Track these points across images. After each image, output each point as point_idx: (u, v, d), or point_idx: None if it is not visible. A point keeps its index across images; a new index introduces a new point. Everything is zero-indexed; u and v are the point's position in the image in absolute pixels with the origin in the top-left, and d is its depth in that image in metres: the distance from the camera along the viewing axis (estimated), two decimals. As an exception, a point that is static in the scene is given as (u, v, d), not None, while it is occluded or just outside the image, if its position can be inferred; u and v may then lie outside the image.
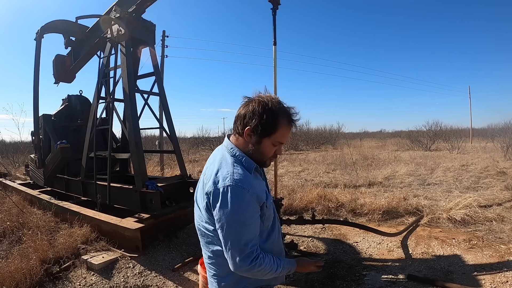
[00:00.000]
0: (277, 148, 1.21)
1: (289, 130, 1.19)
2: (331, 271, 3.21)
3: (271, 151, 1.21)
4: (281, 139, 1.19)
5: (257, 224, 1.14)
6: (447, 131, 21.21)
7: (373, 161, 12.11)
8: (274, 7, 3.57)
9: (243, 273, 1.14)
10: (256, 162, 1.21)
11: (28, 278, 2.84)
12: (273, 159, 1.28)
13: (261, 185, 1.23)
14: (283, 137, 1.18)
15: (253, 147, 1.19)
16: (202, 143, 24.32)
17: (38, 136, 5.65)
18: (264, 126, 1.14)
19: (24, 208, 4.92)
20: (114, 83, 4.59)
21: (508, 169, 8.76)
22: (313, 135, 27.86)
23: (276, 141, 1.18)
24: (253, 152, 1.19)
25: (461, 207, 4.58)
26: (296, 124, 1.21)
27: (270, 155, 1.22)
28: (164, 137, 12.57)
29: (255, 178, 1.21)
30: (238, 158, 1.19)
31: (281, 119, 1.15)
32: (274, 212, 1.30)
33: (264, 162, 1.24)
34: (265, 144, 1.18)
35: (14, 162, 12.79)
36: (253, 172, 1.20)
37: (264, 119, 1.13)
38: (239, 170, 1.13)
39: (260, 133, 1.15)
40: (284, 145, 1.29)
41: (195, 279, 3.02)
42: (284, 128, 1.17)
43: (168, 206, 4.07)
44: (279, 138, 1.17)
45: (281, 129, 1.16)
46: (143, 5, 4.41)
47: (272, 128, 1.14)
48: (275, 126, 1.14)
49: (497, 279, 2.82)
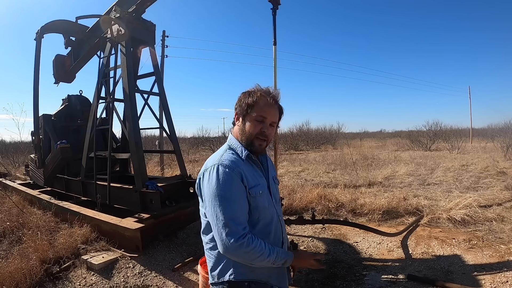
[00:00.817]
0: (263, 126, 1.25)
1: (267, 102, 1.24)
2: (331, 271, 3.21)
3: (255, 127, 1.24)
4: (262, 112, 1.24)
5: (243, 203, 1.17)
6: (447, 131, 21.21)
7: (373, 161, 12.11)
8: (274, 7, 3.57)
9: (233, 254, 1.14)
10: (248, 146, 1.26)
11: (28, 278, 2.84)
12: (262, 141, 1.27)
13: (253, 173, 1.26)
14: (263, 110, 1.24)
15: (241, 128, 1.28)
16: (202, 143, 24.31)
17: (38, 136, 5.64)
18: (243, 106, 1.26)
19: (24, 208, 4.92)
20: (114, 83, 4.59)
21: (508, 169, 8.76)
22: (313, 135, 27.88)
23: (258, 116, 1.23)
24: (242, 134, 1.27)
25: (461, 207, 4.58)
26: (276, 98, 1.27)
27: (255, 132, 1.24)
28: (164, 137, 12.58)
29: (248, 165, 1.26)
30: (232, 147, 1.28)
31: (256, 93, 1.25)
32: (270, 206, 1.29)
33: (252, 142, 1.25)
34: (248, 121, 1.25)
35: (14, 162, 12.80)
36: (246, 160, 1.25)
37: (243, 100, 1.27)
38: (229, 155, 1.23)
39: (242, 113, 1.27)
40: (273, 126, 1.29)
41: (195, 279, 3.02)
42: (261, 100, 1.24)
43: (168, 206, 4.06)
44: (259, 111, 1.23)
45: (258, 102, 1.23)
46: (143, 5, 4.41)
47: (250, 104, 1.24)
48: (252, 101, 1.24)
49: (497, 279, 2.81)
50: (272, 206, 1.31)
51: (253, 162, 1.30)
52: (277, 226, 1.32)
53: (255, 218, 1.23)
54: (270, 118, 1.25)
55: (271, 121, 1.26)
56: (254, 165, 1.30)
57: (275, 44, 3.60)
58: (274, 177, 1.45)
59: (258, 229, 1.23)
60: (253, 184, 1.22)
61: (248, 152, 1.25)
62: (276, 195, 1.40)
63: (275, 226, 1.30)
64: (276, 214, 1.33)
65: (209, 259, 1.28)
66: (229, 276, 1.20)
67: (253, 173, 1.26)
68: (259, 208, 1.23)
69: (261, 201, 1.23)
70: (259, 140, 1.26)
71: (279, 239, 1.33)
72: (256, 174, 1.28)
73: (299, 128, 28.66)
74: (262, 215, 1.24)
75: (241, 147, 1.27)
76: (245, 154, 1.25)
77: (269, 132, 1.27)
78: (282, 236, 1.35)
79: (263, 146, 1.28)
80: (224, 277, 1.21)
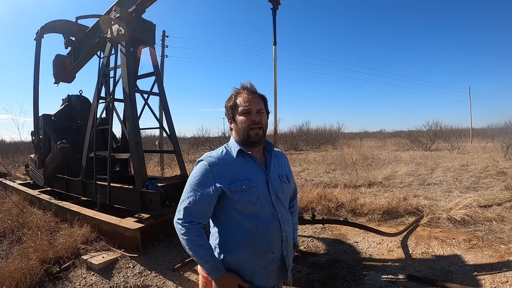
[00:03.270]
0: (251, 116, 1.32)
1: (245, 97, 1.34)
2: (331, 271, 3.21)
3: (245, 121, 1.33)
4: (245, 107, 1.32)
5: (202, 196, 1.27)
6: (447, 131, 21.18)
7: (373, 161, 12.11)
8: (274, 7, 3.57)
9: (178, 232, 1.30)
10: (244, 142, 1.33)
11: (28, 278, 2.84)
12: (255, 130, 1.33)
13: (245, 167, 1.32)
14: (245, 104, 1.33)
15: (235, 127, 1.37)
16: (202, 143, 24.32)
17: (38, 136, 5.64)
18: (229, 109, 1.38)
19: (24, 208, 4.91)
20: (114, 83, 4.59)
21: (508, 169, 8.76)
22: (313, 135, 27.89)
23: (243, 110, 1.32)
24: (238, 133, 1.35)
25: (461, 207, 4.57)
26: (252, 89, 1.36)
27: (247, 124, 1.32)
28: (164, 137, 12.58)
29: (239, 160, 1.33)
30: (227, 147, 1.38)
31: (234, 92, 1.38)
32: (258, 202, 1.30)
33: (248, 136, 1.32)
34: (239, 119, 1.34)
35: (14, 162, 12.79)
36: (238, 155, 1.32)
37: (226, 105, 1.39)
38: (217, 153, 1.35)
39: (231, 116, 1.38)
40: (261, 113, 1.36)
41: (195, 279, 3.02)
42: (240, 98, 1.34)
43: (168, 206, 4.06)
44: (242, 107, 1.33)
45: (238, 101, 1.34)
46: (143, 5, 4.41)
47: (232, 106, 1.36)
48: (233, 102, 1.35)
49: (497, 279, 2.81)
50: (263, 202, 1.30)
51: (249, 157, 1.34)
52: (269, 223, 1.31)
53: (238, 210, 1.29)
54: (254, 106, 1.33)
55: (256, 109, 1.34)
56: (249, 159, 1.34)
57: (275, 44, 3.60)
58: (282, 175, 1.43)
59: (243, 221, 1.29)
60: (237, 179, 1.28)
61: (240, 148, 1.33)
62: (279, 192, 1.37)
63: (265, 221, 1.30)
64: (272, 212, 1.32)
65: None
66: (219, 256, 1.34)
67: (244, 167, 1.32)
68: (242, 202, 1.28)
69: (244, 195, 1.27)
70: (254, 130, 1.32)
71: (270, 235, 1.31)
72: (250, 168, 1.33)
73: (299, 128, 28.65)
74: (245, 208, 1.29)
75: (235, 145, 1.35)
76: (237, 149, 1.33)
77: (259, 119, 1.34)
78: (280, 236, 1.33)
79: (260, 134, 1.34)
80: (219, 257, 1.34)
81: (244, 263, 1.31)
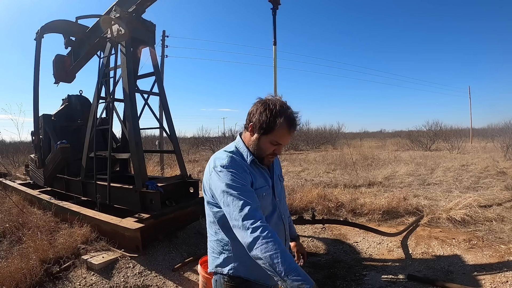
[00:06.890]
0: (276, 148, 1.26)
1: (287, 132, 1.22)
2: (331, 271, 3.21)
3: (269, 149, 1.25)
4: (279, 140, 1.23)
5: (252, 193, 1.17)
6: (447, 131, 21.18)
7: (373, 161, 12.11)
8: (274, 7, 3.57)
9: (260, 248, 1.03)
10: (257, 157, 1.27)
11: (28, 278, 2.84)
12: (271, 159, 1.30)
13: (257, 175, 1.27)
14: (281, 138, 1.23)
15: (254, 142, 1.26)
16: (202, 143, 24.27)
17: (38, 136, 5.64)
18: (263, 125, 1.21)
19: (24, 208, 4.91)
20: (114, 83, 4.59)
21: (508, 169, 8.76)
22: (313, 135, 27.86)
23: (274, 141, 1.23)
24: (253, 146, 1.27)
25: (461, 207, 4.57)
26: (296, 128, 1.24)
27: (267, 153, 1.26)
28: (164, 137, 12.58)
29: (252, 168, 1.26)
30: (239, 150, 1.28)
31: (279, 120, 1.19)
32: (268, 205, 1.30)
33: (262, 158, 1.27)
34: (263, 142, 1.24)
35: (14, 162, 12.78)
36: (251, 165, 1.26)
37: (263, 118, 1.20)
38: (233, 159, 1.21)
39: (259, 130, 1.23)
40: (284, 146, 1.31)
41: (195, 279, 3.02)
42: (282, 130, 1.20)
43: (168, 206, 4.06)
44: (276, 138, 1.22)
45: (278, 130, 1.20)
46: (143, 5, 4.40)
47: (269, 128, 1.20)
48: (273, 126, 1.19)
49: (497, 279, 2.82)
50: (273, 206, 1.32)
51: (255, 164, 1.30)
52: (277, 224, 1.32)
53: None
54: (285, 143, 1.26)
55: (285, 144, 1.28)
56: (258, 168, 1.31)
57: (275, 44, 3.61)
58: (279, 175, 1.46)
59: None
60: (257, 186, 1.24)
61: (253, 158, 1.27)
62: (281, 193, 1.40)
63: (274, 224, 1.30)
64: (277, 213, 1.33)
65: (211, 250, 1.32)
66: (228, 271, 1.24)
67: (258, 174, 1.28)
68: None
69: (262, 202, 1.24)
70: (270, 158, 1.30)
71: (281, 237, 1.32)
72: (260, 176, 1.29)
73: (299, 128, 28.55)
74: None
75: (247, 152, 1.28)
76: (250, 159, 1.26)
77: (280, 151, 1.30)
78: (284, 235, 1.36)
79: (271, 161, 1.32)
80: (223, 270, 1.25)
81: (253, 267, 1.22)
